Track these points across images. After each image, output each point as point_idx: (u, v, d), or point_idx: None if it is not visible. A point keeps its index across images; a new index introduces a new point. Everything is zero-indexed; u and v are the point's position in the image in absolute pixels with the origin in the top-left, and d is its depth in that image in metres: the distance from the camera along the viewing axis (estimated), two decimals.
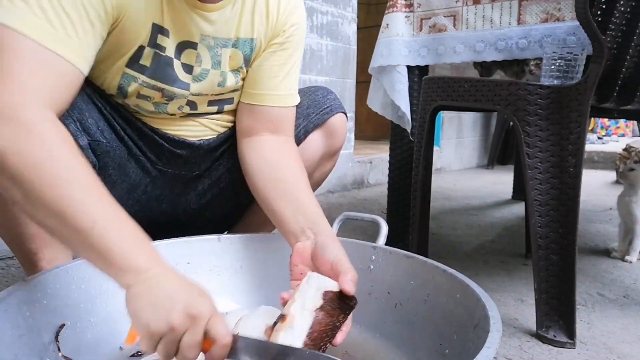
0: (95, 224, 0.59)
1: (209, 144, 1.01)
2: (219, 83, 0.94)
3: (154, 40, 0.84)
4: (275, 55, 0.97)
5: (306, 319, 0.69)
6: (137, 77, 0.86)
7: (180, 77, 0.89)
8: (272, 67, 0.97)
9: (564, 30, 1.24)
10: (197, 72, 0.91)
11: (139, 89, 0.88)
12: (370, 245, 0.91)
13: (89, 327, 0.74)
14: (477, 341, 0.60)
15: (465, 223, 2.25)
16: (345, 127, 1.13)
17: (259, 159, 0.95)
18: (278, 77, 0.97)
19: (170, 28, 0.84)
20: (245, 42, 0.94)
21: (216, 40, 0.90)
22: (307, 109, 1.07)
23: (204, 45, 0.89)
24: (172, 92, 0.90)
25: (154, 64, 0.86)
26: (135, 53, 0.84)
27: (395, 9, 1.59)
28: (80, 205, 0.59)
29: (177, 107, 0.93)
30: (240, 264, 0.97)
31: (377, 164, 3.35)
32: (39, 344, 0.65)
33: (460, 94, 1.20)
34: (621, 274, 1.53)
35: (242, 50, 0.94)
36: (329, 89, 1.14)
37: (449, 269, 0.78)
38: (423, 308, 0.80)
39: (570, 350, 1.02)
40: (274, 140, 0.96)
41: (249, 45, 0.95)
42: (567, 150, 1.02)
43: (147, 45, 0.84)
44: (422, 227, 1.38)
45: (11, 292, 0.65)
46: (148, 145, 0.96)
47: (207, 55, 0.90)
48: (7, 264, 1.46)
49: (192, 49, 0.88)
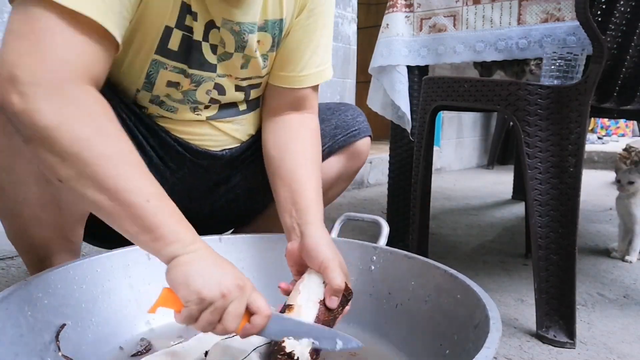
0: (150, 200, 0.60)
1: (231, 154, 0.99)
2: (242, 65, 0.90)
3: (182, 21, 0.80)
4: (300, 32, 0.92)
5: (312, 309, 0.72)
6: (166, 63, 0.83)
7: (208, 59, 0.86)
8: (299, 46, 0.93)
9: (564, 30, 1.24)
10: (221, 52, 0.87)
11: (168, 77, 0.85)
12: (371, 245, 0.91)
13: (90, 326, 0.74)
14: (477, 342, 0.60)
15: (465, 223, 2.25)
16: (368, 150, 1.12)
17: (273, 140, 0.94)
18: (305, 56, 0.93)
19: (198, 10, 0.80)
20: (274, 23, 0.89)
21: (242, 25, 0.85)
22: (334, 129, 1.06)
23: (227, 30, 0.84)
24: (200, 76, 0.87)
25: (183, 48, 0.83)
26: (163, 36, 0.80)
27: (395, 9, 1.59)
28: (134, 182, 0.61)
29: (205, 92, 0.90)
30: (241, 264, 0.97)
31: (377, 164, 3.35)
32: (40, 344, 0.65)
33: (460, 94, 1.21)
34: (621, 274, 1.53)
35: (271, 33, 0.90)
36: (360, 109, 1.12)
37: (449, 270, 0.78)
38: (423, 308, 0.80)
39: (570, 350, 1.02)
40: (294, 118, 0.95)
41: (278, 27, 0.90)
42: (567, 150, 1.02)
43: (175, 26, 0.80)
44: (422, 227, 1.38)
45: (12, 291, 0.65)
46: (170, 156, 0.95)
47: (230, 39, 0.86)
48: (7, 264, 1.46)
49: (215, 29, 0.84)
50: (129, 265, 0.81)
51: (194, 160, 0.96)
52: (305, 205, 0.85)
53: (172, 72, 0.85)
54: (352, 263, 0.89)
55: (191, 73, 0.86)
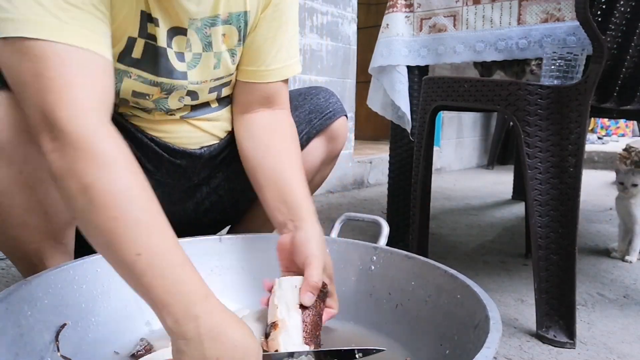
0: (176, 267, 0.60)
1: (210, 152, 0.99)
2: (214, 65, 0.89)
3: (144, 31, 0.79)
4: (265, 26, 0.92)
5: (295, 317, 0.72)
6: (130, 71, 0.82)
7: (176, 67, 0.85)
8: (266, 41, 0.92)
9: (564, 30, 1.24)
10: (189, 58, 0.86)
11: (133, 86, 0.84)
12: (371, 246, 0.91)
13: (90, 326, 0.74)
14: (477, 342, 0.60)
15: (465, 223, 2.25)
16: (346, 131, 1.12)
17: (250, 140, 0.93)
18: (272, 50, 0.93)
19: (159, 16, 0.79)
20: (238, 16, 0.88)
21: (203, 20, 0.84)
22: (309, 114, 1.05)
23: (193, 30, 0.84)
24: (171, 84, 0.86)
25: (147, 56, 0.82)
26: (127, 45, 0.79)
27: (395, 9, 1.59)
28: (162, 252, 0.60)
29: (177, 99, 0.89)
30: (241, 264, 0.97)
31: (377, 164, 3.35)
32: (40, 343, 0.65)
33: (460, 94, 1.20)
34: (621, 274, 1.53)
35: (236, 26, 0.89)
36: (331, 90, 1.12)
37: (450, 270, 0.78)
38: (424, 309, 0.80)
39: (570, 350, 1.02)
40: (267, 115, 0.94)
41: (243, 19, 0.89)
42: (567, 150, 1.02)
43: (138, 35, 0.79)
44: (422, 227, 1.38)
45: (13, 291, 0.65)
46: (147, 157, 0.94)
47: (195, 38, 0.85)
48: (7, 264, 1.46)
49: (182, 35, 0.83)
50: None
51: (172, 160, 0.95)
52: (296, 202, 0.85)
53: (137, 82, 0.83)
54: (352, 263, 0.89)
55: (160, 82, 0.85)
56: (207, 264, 0.95)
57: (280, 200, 0.86)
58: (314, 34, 2.77)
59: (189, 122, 0.94)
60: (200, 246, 0.95)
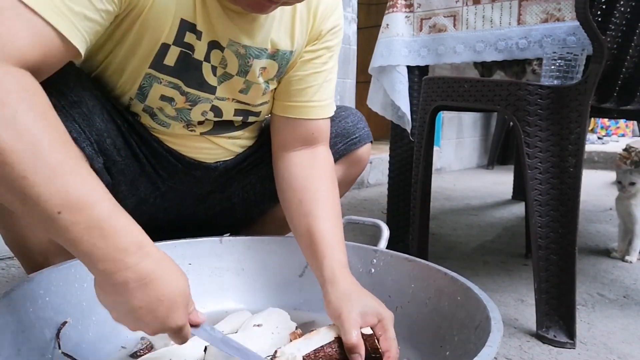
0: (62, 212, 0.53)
1: (225, 166, 0.98)
2: (241, 90, 0.88)
3: (180, 39, 0.77)
4: (310, 63, 0.90)
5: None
6: (161, 78, 0.81)
7: (207, 80, 0.83)
8: (307, 77, 0.90)
9: (564, 31, 1.24)
10: (221, 73, 0.84)
11: (162, 91, 0.83)
12: (372, 248, 0.91)
13: (90, 325, 0.74)
14: (478, 342, 0.60)
15: (466, 223, 2.25)
16: (368, 157, 1.09)
17: (287, 181, 0.91)
18: (313, 87, 0.91)
19: (203, 29, 0.78)
20: (284, 54, 0.87)
21: (248, 49, 0.83)
22: (334, 137, 1.02)
23: (232, 52, 0.82)
24: (197, 96, 0.84)
25: (180, 64, 0.80)
26: (159, 52, 0.77)
27: (395, 9, 1.59)
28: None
29: (200, 113, 0.87)
30: (242, 265, 0.97)
31: (377, 164, 3.35)
32: (42, 340, 0.66)
33: (460, 94, 1.21)
34: (621, 274, 1.53)
35: (279, 63, 0.88)
36: (360, 114, 1.09)
37: (450, 272, 0.78)
38: (424, 311, 0.80)
39: (571, 350, 1.02)
40: (307, 154, 0.92)
41: (286, 57, 0.88)
42: (567, 150, 1.02)
43: (173, 43, 0.77)
44: (422, 227, 1.38)
45: (15, 289, 0.65)
46: (162, 165, 0.93)
47: (234, 61, 0.83)
48: (7, 264, 1.46)
49: (219, 50, 0.81)
50: None
51: (186, 170, 0.95)
52: (327, 256, 0.81)
53: (166, 87, 0.82)
54: (352, 266, 0.90)
55: (187, 91, 0.84)
56: (208, 265, 0.95)
57: (315, 260, 0.83)
58: None
59: (209, 138, 0.93)
60: (201, 247, 0.95)
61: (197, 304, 0.86)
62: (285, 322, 0.81)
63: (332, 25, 0.90)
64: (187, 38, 0.77)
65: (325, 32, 0.90)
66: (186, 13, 0.75)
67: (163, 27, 0.75)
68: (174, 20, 0.75)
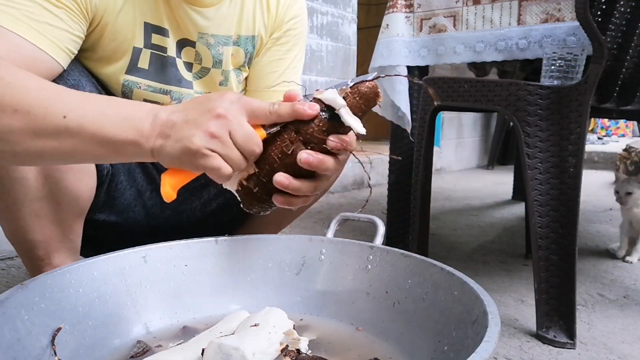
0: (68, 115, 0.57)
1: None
2: (220, 82, 0.93)
3: (148, 41, 0.82)
4: (273, 50, 0.95)
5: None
6: (139, 82, 0.85)
7: (184, 76, 0.88)
8: (270, 63, 0.95)
9: (564, 31, 1.23)
10: (197, 69, 0.89)
11: (144, 96, 0.86)
12: (368, 245, 0.90)
13: (87, 330, 0.74)
14: (475, 337, 0.60)
15: (466, 223, 2.25)
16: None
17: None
18: (275, 72, 0.95)
19: (169, 27, 0.83)
20: (247, 39, 0.92)
21: (216, 38, 0.88)
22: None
23: (203, 44, 0.87)
24: (179, 93, 0.88)
25: (155, 66, 0.85)
26: (132, 57, 0.82)
27: (395, 10, 1.59)
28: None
29: None
30: (238, 265, 0.97)
31: (377, 164, 3.35)
32: (38, 348, 0.65)
33: (460, 95, 1.20)
34: (621, 274, 1.52)
35: (244, 48, 0.93)
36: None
37: (446, 267, 0.78)
38: (421, 306, 0.80)
39: (571, 350, 1.01)
40: None
41: (250, 43, 0.93)
42: (567, 150, 1.02)
43: (143, 46, 0.82)
44: (422, 227, 1.38)
45: (9, 295, 0.64)
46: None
47: (207, 53, 0.89)
48: (7, 264, 1.46)
49: (190, 47, 0.87)
50: (125, 268, 0.81)
51: None
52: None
53: (147, 92, 0.86)
54: (348, 263, 0.89)
55: (169, 90, 0.87)
56: (204, 265, 0.95)
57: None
58: (314, 34, 2.77)
59: None
60: (197, 248, 0.95)
61: (195, 305, 0.86)
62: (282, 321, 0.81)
63: (294, 14, 0.95)
64: (154, 40, 0.82)
65: (288, 20, 0.95)
66: (149, 16, 0.80)
67: (131, 34, 0.80)
68: (137, 24, 0.80)
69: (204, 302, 0.89)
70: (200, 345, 0.71)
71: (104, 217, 0.96)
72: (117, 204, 0.96)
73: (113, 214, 0.97)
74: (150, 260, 0.84)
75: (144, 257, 0.82)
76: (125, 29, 0.79)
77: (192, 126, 0.57)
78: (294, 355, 0.67)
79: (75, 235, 0.89)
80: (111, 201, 0.95)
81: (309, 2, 2.71)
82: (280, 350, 0.69)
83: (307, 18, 1.01)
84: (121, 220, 0.99)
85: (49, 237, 0.85)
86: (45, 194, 0.80)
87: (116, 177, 0.91)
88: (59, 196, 0.82)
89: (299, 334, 0.76)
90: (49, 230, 0.85)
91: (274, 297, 0.92)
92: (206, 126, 0.57)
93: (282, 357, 0.68)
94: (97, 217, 0.95)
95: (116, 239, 0.94)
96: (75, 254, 0.90)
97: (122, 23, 0.79)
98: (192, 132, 0.57)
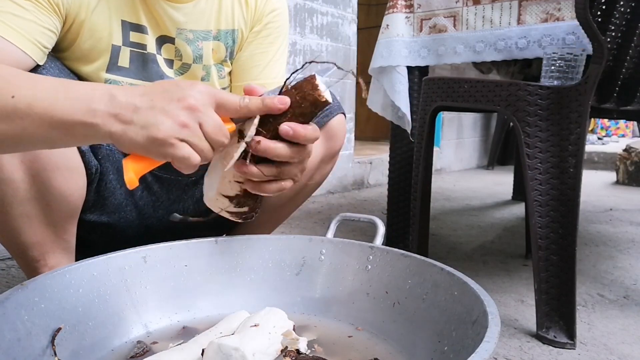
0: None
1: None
2: (202, 77, 0.92)
3: (127, 39, 0.82)
4: (254, 43, 0.95)
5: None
6: (120, 80, 0.84)
7: (166, 73, 0.88)
8: (253, 56, 0.95)
9: (564, 30, 1.23)
10: (178, 65, 0.89)
11: None
12: (367, 245, 0.91)
13: (87, 330, 0.74)
14: (475, 337, 0.60)
15: (466, 224, 2.25)
16: (344, 128, 1.12)
17: None
18: (258, 66, 0.95)
19: (147, 24, 0.83)
20: (226, 33, 0.92)
21: (195, 33, 0.88)
22: None
23: (182, 40, 0.88)
24: None
25: (136, 64, 0.85)
26: (112, 55, 0.82)
27: (395, 10, 1.59)
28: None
29: None
30: (238, 265, 0.97)
31: (377, 165, 3.35)
32: (38, 348, 0.65)
33: (460, 95, 1.20)
34: (621, 274, 1.52)
35: (224, 42, 0.93)
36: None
37: (446, 267, 0.78)
38: (421, 306, 0.80)
39: (571, 351, 1.01)
40: None
41: (230, 37, 0.93)
42: (567, 150, 1.02)
43: (122, 44, 0.82)
44: (422, 227, 1.38)
45: (9, 296, 0.64)
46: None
47: (187, 49, 0.89)
48: (7, 264, 1.46)
49: (170, 43, 0.87)
50: (125, 268, 0.81)
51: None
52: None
53: None
54: (348, 263, 0.89)
55: None
56: (204, 266, 0.95)
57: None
58: (314, 35, 2.77)
59: None
60: (196, 248, 0.95)
61: (194, 305, 0.86)
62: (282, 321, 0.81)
63: (273, 7, 0.96)
64: (133, 37, 0.83)
65: (267, 13, 0.95)
66: (126, 14, 0.80)
67: (108, 32, 0.80)
68: (114, 22, 0.80)
69: (204, 302, 0.89)
70: (200, 345, 0.71)
71: (95, 218, 0.95)
72: (107, 204, 0.95)
73: (104, 215, 0.96)
74: (150, 260, 0.84)
75: (144, 257, 0.83)
76: (101, 26, 0.79)
77: (159, 113, 0.56)
78: (294, 355, 0.67)
79: (69, 235, 0.89)
80: (101, 201, 0.94)
81: (309, 2, 2.71)
82: (280, 351, 0.69)
83: (287, 11, 1.01)
84: (113, 221, 0.98)
85: (41, 238, 0.85)
86: (34, 194, 0.80)
87: (105, 176, 0.90)
88: (48, 197, 0.81)
89: (299, 334, 0.76)
90: (41, 231, 0.84)
91: (274, 297, 0.92)
92: (176, 115, 0.56)
93: (282, 357, 0.68)
94: (88, 218, 0.94)
95: (109, 241, 0.94)
96: (70, 254, 0.89)
97: (97, 21, 0.78)
98: (160, 120, 0.55)
